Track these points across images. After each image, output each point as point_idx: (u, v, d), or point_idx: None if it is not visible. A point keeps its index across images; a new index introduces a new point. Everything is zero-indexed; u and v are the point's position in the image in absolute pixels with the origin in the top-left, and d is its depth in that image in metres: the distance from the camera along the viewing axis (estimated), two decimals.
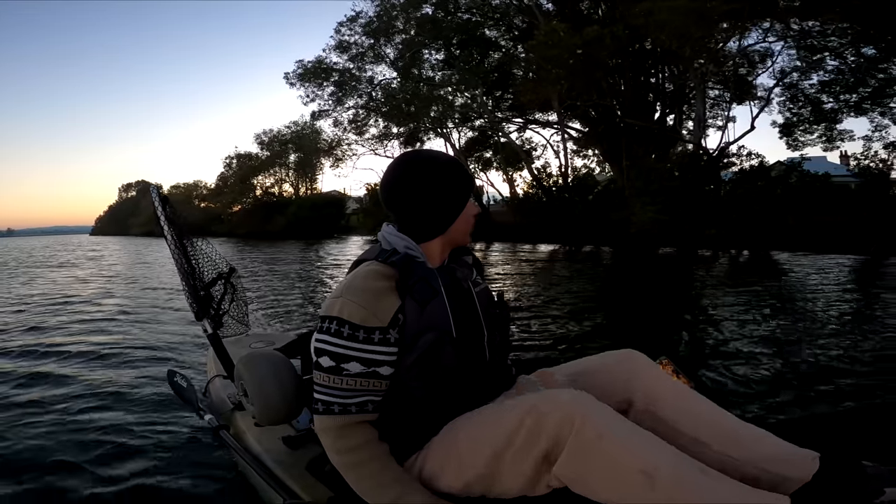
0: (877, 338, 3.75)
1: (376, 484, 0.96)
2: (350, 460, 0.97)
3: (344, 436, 0.97)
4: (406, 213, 1.07)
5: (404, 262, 1.01)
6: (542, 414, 0.86)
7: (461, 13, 19.44)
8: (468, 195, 1.10)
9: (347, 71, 21.44)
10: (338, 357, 0.95)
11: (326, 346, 0.96)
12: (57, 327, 4.90)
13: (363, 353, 0.95)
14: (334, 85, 21.68)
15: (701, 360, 3.29)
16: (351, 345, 0.95)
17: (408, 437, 1.02)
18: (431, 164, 1.08)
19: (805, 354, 3.32)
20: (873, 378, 2.81)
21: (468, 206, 1.10)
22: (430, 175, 1.06)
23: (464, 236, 1.11)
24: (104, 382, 2.99)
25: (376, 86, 21.54)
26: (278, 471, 1.33)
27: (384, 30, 20.28)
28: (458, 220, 1.09)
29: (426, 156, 1.09)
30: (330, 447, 0.99)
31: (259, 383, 1.28)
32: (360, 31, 20.76)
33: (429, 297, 1.00)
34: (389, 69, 21.45)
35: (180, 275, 1.76)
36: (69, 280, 10.06)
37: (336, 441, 0.98)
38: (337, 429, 0.97)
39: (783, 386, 2.73)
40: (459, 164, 1.12)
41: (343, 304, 0.96)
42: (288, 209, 32.53)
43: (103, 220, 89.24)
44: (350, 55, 21.35)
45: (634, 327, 4.58)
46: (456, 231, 1.10)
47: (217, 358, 1.77)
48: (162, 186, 1.85)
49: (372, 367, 0.96)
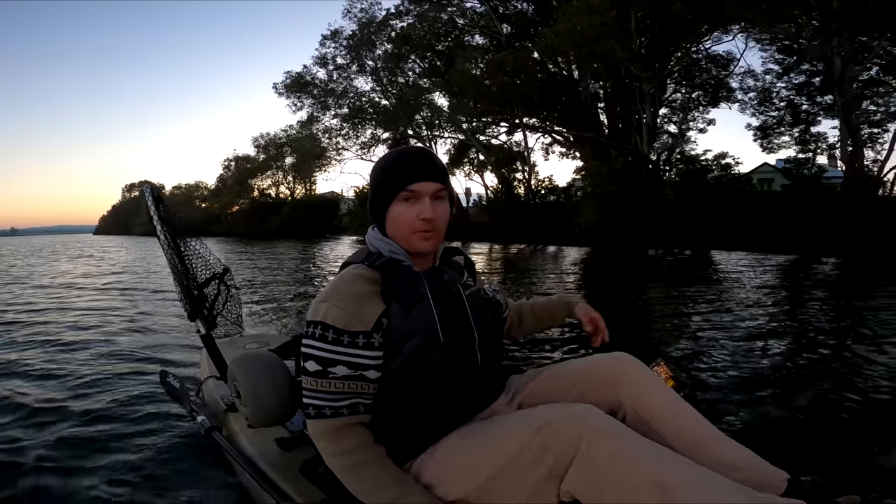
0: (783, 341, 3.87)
1: (375, 486, 0.95)
2: (346, 463, 0.96)
3: (339, 438, 0.96)
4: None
5: (389, 266, 1.00)
6: (550, 432, 0.85)
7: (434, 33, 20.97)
8: (387, 194, 1.00)
9: (329, 82, 23.38)
10: (324, 361, 0.95)
11: (312, 350, 0.96)
12: (48, 324, 4.86)
13: (349, 356, 0.95)
14: (312, 97, 23.71)
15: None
16: (336, 349, 0.95)
17: (400, 443, 1.01)
18: (380, 159, 1.06)
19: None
20: (785, 385, 2.85)
21: (400, 207, 1.00)
22: (371, 173, 1.05)
23: (405, 239, 1.01)
24: (94, 382, 2.96)
25: (359, 96, 23.35)
26: (271, 473, 1.32)
27: (364, 44, 21.82)
28: (389, 220, 1.01)
29: (383, 155, 1.07)
30: (325, 451, 0.98)
31: (253, 384, 1.27)
32: (342, 45, 22.57)
33: (414, 301, 0.98)
34: (370, 80, 23.18)
35: (174, 275, 1.75)
36: (65, 277, 9.98)
37: (331, 444, 0.97)
38: (331, 432, 0.96)
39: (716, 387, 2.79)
40: (395, 160, 1.01)
41: (327, 308, 0.96)
42: (282, 210, 34.08)
43: (107, 219, 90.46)
44: (332, 67, 23.24)
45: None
46: (392, 232, 1.02)
47: (210, 359, 1.76)
48: (162, 187, 1.85)
49: (358, 370, 0.96)
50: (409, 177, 0.99)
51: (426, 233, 1.00)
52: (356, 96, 23.23)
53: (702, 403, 2.37)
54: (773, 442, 2.05)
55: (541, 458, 0.86)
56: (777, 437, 2.13)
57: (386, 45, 21.74)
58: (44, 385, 2.94)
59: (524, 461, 0.87)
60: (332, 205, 33.54)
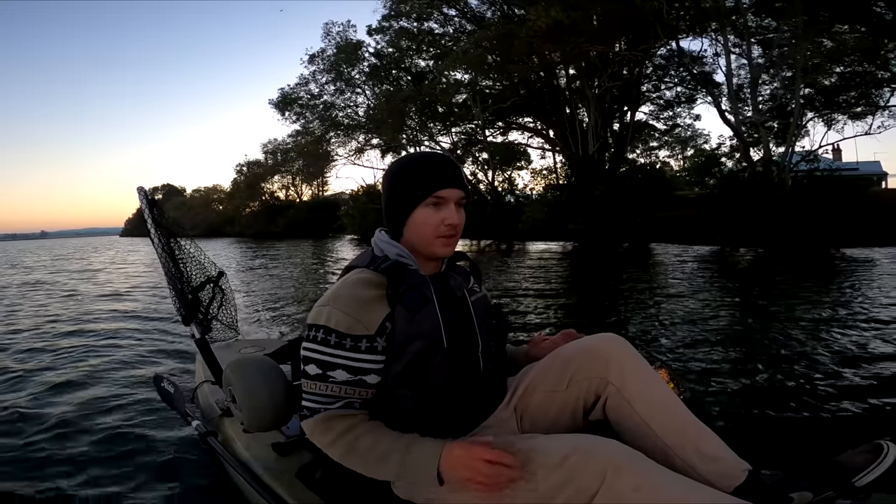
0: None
1: (376, 458, 0.92)
2: (342, 446, 0.95)
3: (329, 428, 0.95)
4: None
5: (395, 270, 0.99)
6: (575, 463, 0.84)
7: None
8: (415, 197, 1.00)
9: (314, 98, 25.18)
10: (324, 365, 0.95)
11: (313, 354, 0.96)
12: (44, 326, 4.81)
13: (350, 360, 0.94)
14: (297, 115, 25.76)
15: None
16: (337, 353, 0.94)
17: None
18: (395, 164, 1.07)
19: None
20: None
21: (426, 212, 1.00)
22: (389, 175, 1.05)
23: (427, 244, 1.01)
24: (86, 387, 2.94)
25: (345, 107, 25.05)
26: (267, 478, 1.31)
27: (344, 62, 23.23)
28: (412, 224, 1.01)
29: (402, 158, 1.08)
30: (322, 445, 0.97)
31: (248, 389, 1.26)
32: (321, 69, 24.22)
33: (419, 306, 0.98)
34: (357, 94, 24.75)
35: (167, 278, 1.74)
36: (71, 280, 9.90)
37: (323, 436, 0.96)
38: (322, 422, 0.96)
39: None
40: (423, 164, 1.02)
41: (329, 312, 0.95)
42: (288, 212, 36.93)
43: (132, 221, 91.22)
44: (316, 88, 24.96)
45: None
46: (413, 235, 1.02)
47: (205, 363, 1.74)
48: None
49: (358, 375, 0.95)
50: (440, 182, 0.99)
51: (449, 238, 1.01)
52: (343, 108, 25.17)
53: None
54: (739, 435, 2.12)
55: (562, 488, 0.84)
56: (743, 432, 2.18)
57: (363, 63, 23.62)
58: (34, 391, 2.91)
59: (544, 489, 0.85)
60: (333, 206, 34.72)
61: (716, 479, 0.93)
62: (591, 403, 1.06)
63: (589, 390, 1.06)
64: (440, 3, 18.93)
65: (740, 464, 0.96)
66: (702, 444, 0.98)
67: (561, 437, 0.93)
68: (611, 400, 1.04)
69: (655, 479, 0.82)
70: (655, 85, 18.58)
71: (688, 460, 0.96)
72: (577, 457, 0.85)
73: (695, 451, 0.96)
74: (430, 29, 20.36)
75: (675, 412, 1.01)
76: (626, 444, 0.89)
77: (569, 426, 1.08)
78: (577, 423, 1.08)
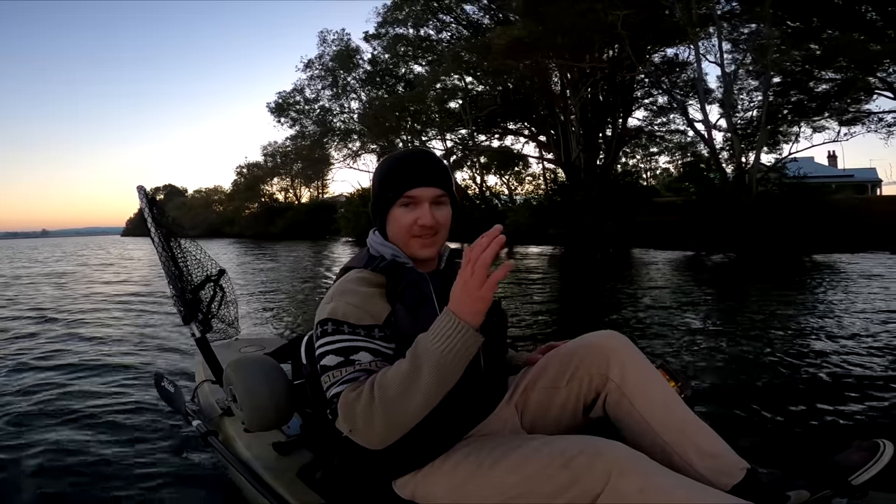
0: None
1: (401, 391, 0.82)
2: (376, 395, 0.83)
3: (357, 395, 0.84)
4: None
5: (392, 269, 0.99)
6: (581, 464, 0.84)
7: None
8: (387, 199, 0.98)
9: (310, 104, 26.04)
10: (345, 350, 0.89)
11: (330, 345, 0.90)
12: (44, 325, 4.81)
13: (369, 343, 0.91)
14: (292, 120, 26.58)
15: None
16: (355, 337, 0.91)
17: (401, 452, 0.95)
18: (378, 165, 1.06)
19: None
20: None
21: (399, 212, 0.98)
22: (373, 176, 1.05)
23: (404, 245, 0.99)
24: (86, 386, 2.94)
25: (340, 112, 25.87)
26: (268, 477, 1.31)
27: (339, 68, 24.06)
28: (389, 225, 1.00)
29: (383, 158, 1.06)
30: (359, 411, 0.84)
31: (249, 388, 1.26)
32: (317, 75, 25.01)
33: (419, 303, 0.97)
34: (353, 99, 25.51)
35: (167, 278, 1.74)
36: (66, 279, 9.89)
37: (357, 401, 0.84)
38: (347, 395, 0.86)
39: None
40: (395, 164, 0.99)
41: (336, 305, 0.93)
42: (286, 213, 37.58)
43: (133, 221, 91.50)
44: (311, 93, 25.78)
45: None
46: (393, 236, 1.01)
47: (205, 362, 1.74)
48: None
49: (379, 356, 0.90)
50: (409, 182, 0.96)
51: (425, 239, 0.98)
52: (338, 113, 25.95)
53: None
54: (736, 434, 2.14)
55: (566, 489, 0.84)
56: (740, 431, 2.19)
57: (358, 70, 24.21)
58: (36, 389, 2.91)
59: (546, 490, 0.85)
60: (331, 209, 35.13)
61: (714, 476, 0.93)
62: (592, 400, 1.07)
63: (589, 386, 1.06)
64: (436, 9, 19.35)
65: (739, 462, 0.96)
66: (701, 441, 0.98)
67: (566, 438, 0.93)
68: (611, 396, 1.04)
69: (659, 481, 0.82)
70: (647, 91, 18.73)
71: (686, 457, 0.96)
72: (582, 458, 0.84)
73: (694, 448, 0.97)
74: (426, 35, 20.71)
75: (674, 410, 1.02)
76: (626, 441, 0.90)
77: (569, 422, 1.08)
78: (578, 419, 1.09)
